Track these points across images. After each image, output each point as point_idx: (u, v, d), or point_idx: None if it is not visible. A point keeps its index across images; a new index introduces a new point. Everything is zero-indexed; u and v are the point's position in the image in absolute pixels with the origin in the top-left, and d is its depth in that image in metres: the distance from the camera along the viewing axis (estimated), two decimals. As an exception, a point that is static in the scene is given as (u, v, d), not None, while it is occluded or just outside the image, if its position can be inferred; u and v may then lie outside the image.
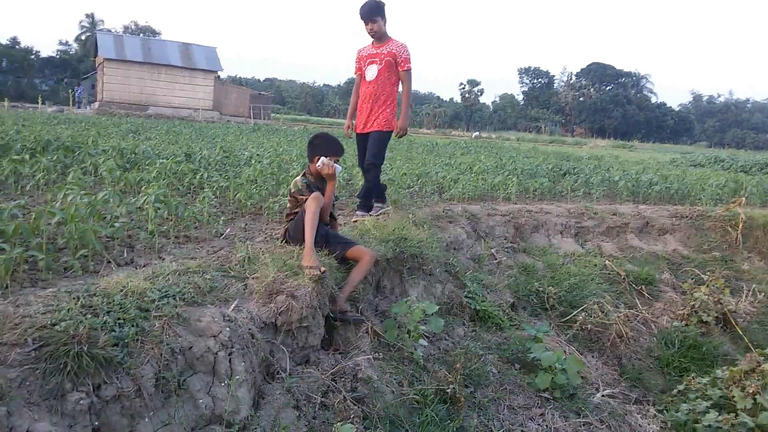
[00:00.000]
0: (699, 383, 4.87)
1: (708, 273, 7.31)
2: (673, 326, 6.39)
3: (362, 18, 5.23)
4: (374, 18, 5.20)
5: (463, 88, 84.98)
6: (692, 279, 7.27)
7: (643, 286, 7.16)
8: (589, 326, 5.82)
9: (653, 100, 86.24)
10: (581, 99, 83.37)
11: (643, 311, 6.58)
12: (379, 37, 5.30)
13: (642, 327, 6.38)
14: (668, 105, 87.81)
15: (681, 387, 5.02)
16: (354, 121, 5.64)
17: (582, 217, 8.45)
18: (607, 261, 7.44)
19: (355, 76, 5.65)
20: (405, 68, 5.33)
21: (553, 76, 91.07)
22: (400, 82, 5.44)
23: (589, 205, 9.06)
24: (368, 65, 5.39)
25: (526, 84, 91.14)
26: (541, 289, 6.19)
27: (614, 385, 5.17)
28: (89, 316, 2.50)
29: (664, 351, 5.94)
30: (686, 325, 6.43)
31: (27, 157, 6.35)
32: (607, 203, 9.73)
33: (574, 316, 5.92)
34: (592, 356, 5.66)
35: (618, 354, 5.79)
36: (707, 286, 6.78)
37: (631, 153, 33.41)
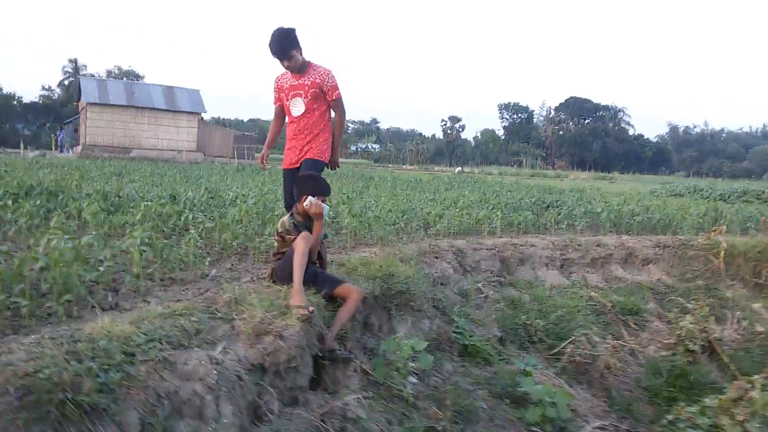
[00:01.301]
0: (688, 412, 4.86)
1: (692, 301, 7.38)
2: (661, 356, 6.41)
3: (276, 56, 4.61)
4: (289, 53, 4.56)
5: (445, 125, 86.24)
6: (677, 308, 7.33)
7: (629, 317, 7.20)
8: (577, 358, 5.83)
9: (631, 132, 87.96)
10: (561, 133, 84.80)
11: (630, 342, 6.60)
12: (299, 68, 4.68)
13: (629, 357, 6.40)
14: (646, 137, 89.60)
15: (670, 417, 5.00)
16: (268, 151, 5.16)
17: (566, 249, 8.53)
18: (592, 292, 7.48)
19: (274, 106, 5.06)
20: (334, 97, 4.77)
21: (533, 110, 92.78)
22: (332, 110, 4.90)
23: (573, 237, 9.14)
24: (292, 98, 4.80)
25: (507, 119, 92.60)
26: (528, 322, 6.21)
27: (604, 417, 5.15)
28: (73, 362, 2.47)
29: (652, 381, 5.94)
30: (673, 354, 6.46)
31: (9, 202, 6.31)
32: (591, 235, 9.83)
33: (562, 348, 5.93)
34: (581, 388, 5.65)
35: (607, 385, 5.78)
36: (692, 314, 6.84)
37: (611, 184, 33.88)
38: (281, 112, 4.99)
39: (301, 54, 4.64)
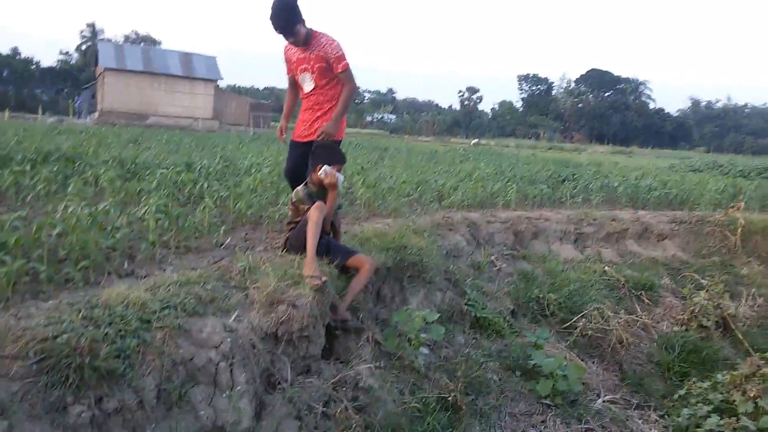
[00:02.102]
0: (700, 388, 4.87)
1: (707, 278, 7.32)
2: (674, 331, 6.40)
3: (278, 32, 4.38)
4: (294, 29, 4.34)
5: (462, 95, 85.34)
6: (692, 284, 7.28)
7: (642, 292, 7.17)
8: (589, 332, 5.83)
9: (651, 106, 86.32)
10: (580, 105, 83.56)
11: (643, 317, 6.58)
12: (304, 41, 4.45)
13: (642, 332, 6.39)
14: (666, 111, 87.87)
15: (682, 392, 5.02)
16: (286, 123, 4.97)
17: (581, 224, 8.47)
18: (606, 267, 7.45)
19: (287, 76, 4.86)
20: (340, 69, 4.48)
21: (552, 82, 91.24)
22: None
23: (589, 211, 9.07)
24: (301, 72, 4.61)
25: (525, 91, 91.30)
26: (541, 295, 6.20)
27: (615, 391, 5.17)
28: (91, 328, 2.52)
29: (664, 356, 5.94)
30: (686, 330, 6.44)
31: (27, 168, 6.36)
32: (607, 209, 9.74)
33: (575, 322, 5.93)
34: (593, 362, 5.67)
35: (618, 360, 5.79)
36: (707, 290, 6.80)
37: (629, 159, 33.47)
38: (295, 82, 4.80)
39: (304, 26, 4.40)
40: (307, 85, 4.62)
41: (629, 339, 5.86)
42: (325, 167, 4.19)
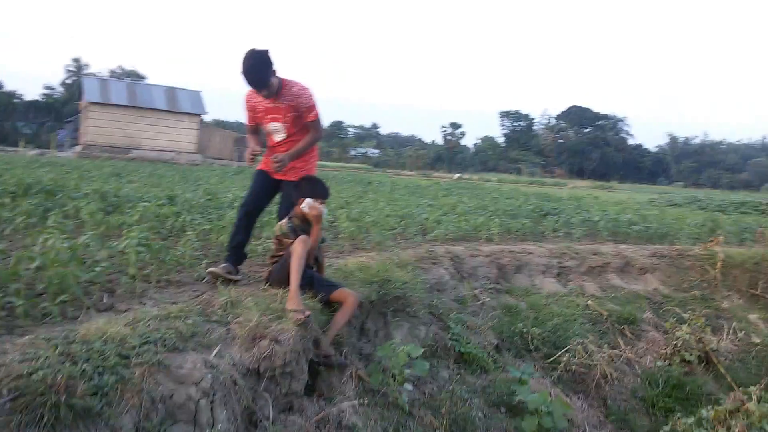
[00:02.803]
0: (685, 424, 4.85)
1: (689, 312, 7.38)
2: (657, 366, 6.41)
3: (252, 86, 4.20)
4: (267, 82, 4.15)
5: (445, 131, 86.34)
6: (674, 318, 7.32)
7: (625, 326, 7.19)
8: (573, 367, 5.82)
9: (630, 141, 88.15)
10: (561, 141, 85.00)
11: (627, 351, 6.59)
12: (275, 91, 4.26)
13: (626, 367, 6.39)
14: (645, 147, 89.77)
15: (667, 428, 4.99)
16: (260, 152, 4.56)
17: (563, 257, 8.52)
18: (589, 301, 7.47)
19: (248, 125, 4.63)
20: (311, 118, 4.38)
21: (534, 119, 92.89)
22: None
23: (571, 245, 9.14)
24: (269, 122, 4.43)
25: (507, 127, 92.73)
26: (525, 330, 6.19)
27: (600, 427, 5.14)
28: (68, 364, 2.45)
29: (648, 391, 5.94)
30: (669, 364, 6.45)
31: (7, 200, 6.29)
32: (588, 243, 9.82)
33: (559, 357, 5.91)
34: (578, 398, 5.63)
35: (603, 395, 5.77)
36: (689, 324, 6.83)
37: (610, 193, 33.92)
38: (257, 129, 4.63)
39: (275, 76, 4.20)
40: (278, 135, 4.47)
41: (613, 374, 5.86)
42: (309, 200, 4.19)
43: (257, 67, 4.09)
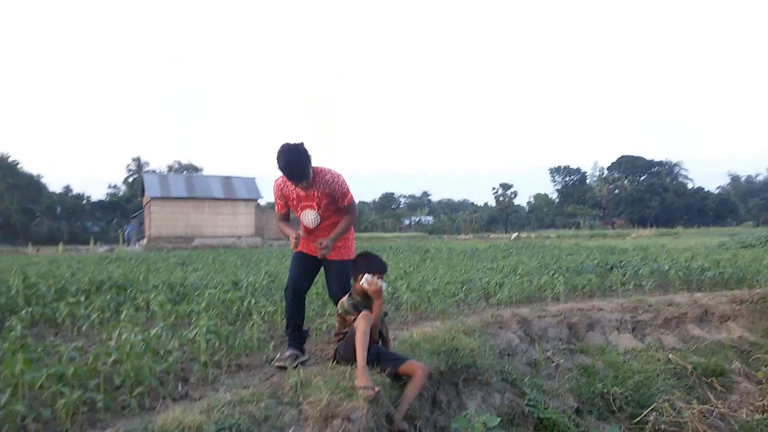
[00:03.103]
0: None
1: (782, 359, 6.88)
2: (755, 419, 5.94)
3: (294, 180, 4.22)
4: (308, 175, 4.22)
5: (497, 192, 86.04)
6: (766, 366, 6.83)
7: (713, 378, 6.75)
8: (662, 426, 5.46)
9: (690, 185, 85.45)
10: (616, 191, 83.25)
11: (719, 405, 6.15)
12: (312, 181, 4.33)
13: (720, 423, 5.95)
14: (706, 189, 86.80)
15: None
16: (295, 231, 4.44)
17: (636, 311, 8.17)
18: (670, 354, 7.08)
19: (276, 213, 4.71)
20: (346, 203, 4.48)
21: (585, 172, 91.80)
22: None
23: (642, 297, 8.78)
24: (303, 210, 4.48)
25: (559, 182, 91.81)
26: (605, 390, 5.89)
27: (701, 492, 4.75)
28: (149, 456, 2.48)
29: (749, 449, 5.48)
30: (768, 417, 5.98)
31: (82, 298, 6.58)
32: (660, 294, 9.42)
33: (645, 416, 5.57)
34: (672, 460, 5.26)
35: (699, 455, 5.36)
36: (784, 373, 6.36)
37: (676, 240, 32.71)
38: (288, 215, 4.69)
39: (311, 166, 4.25)
40: (311, 221, 4.51)
41: (707, 431, 5.45)
42: (367, 276, 4.20)
43: (297, 161, 4.13)
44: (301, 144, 4.17)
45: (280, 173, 4.28)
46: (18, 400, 3.10)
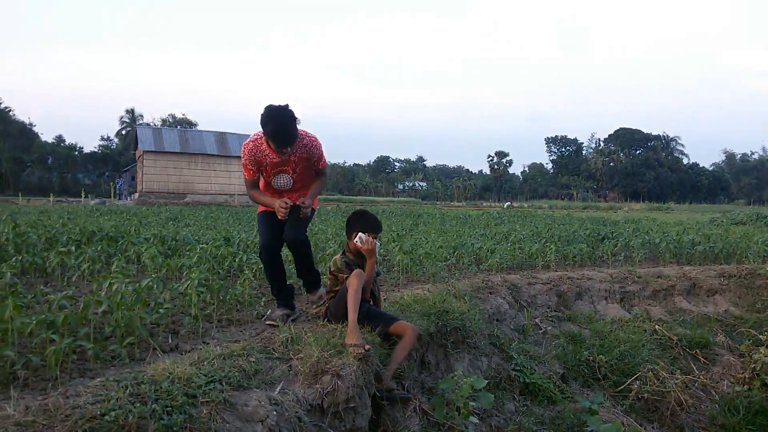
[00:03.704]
0: (772, 454, 4.55)
1: (765, 333, 6.97)
2: (735, 391, 6.06)
3: (283, 145, 4.02)
4: (296, 139, 4.08)
5: (492, 160, 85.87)
6: (749, 340, 6.94)
7: (697, 350, 6.86)
8: (645, 395, 5.56)
9: (685, 161, 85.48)
10: (611, 164, 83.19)
11: (702, 377, 6.27)
12: None
13: (701, 393, 6.07)
14: (701, 165, 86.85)
15: (752, 458, 4.69)
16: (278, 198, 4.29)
17: (626, 282, 8.24)
18: (656, 326, 7.17)
19: (246, 178, 4.40)
20: (320, 166, 4.42)
21: (581, 143, 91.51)
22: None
23: (632, 269, 8.85)
24: (276, 175, 4.32)
25: (555, 152, 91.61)
26: (591, 358, 5.97)
27: (679, 459, 4.86)
28: (138, 404, 2.49)
29: (728, 418, 5.61)
30: (749, 389, 6.09)
31: (73, 248, 6.54)
32: (650, 266, 9.49)
33: (629, 385, 5.67)
34: (652, 427, 5.38)
35: (679, 423, 5.48)
36: (766, 346, 6.46)
37: (668, 215, 32.87)
38: (257, 181, 4.46)
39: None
40: (283, 185, 4.39)
41: (689, 401, 5.57)
42: (361, 234, 4.19)
43: (286, 126, 3.94)
44: (287, 106, 3.97)
45: (253, 137, 4.15)
46: (8, 345, 3.09)
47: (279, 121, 3.92)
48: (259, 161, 4.26)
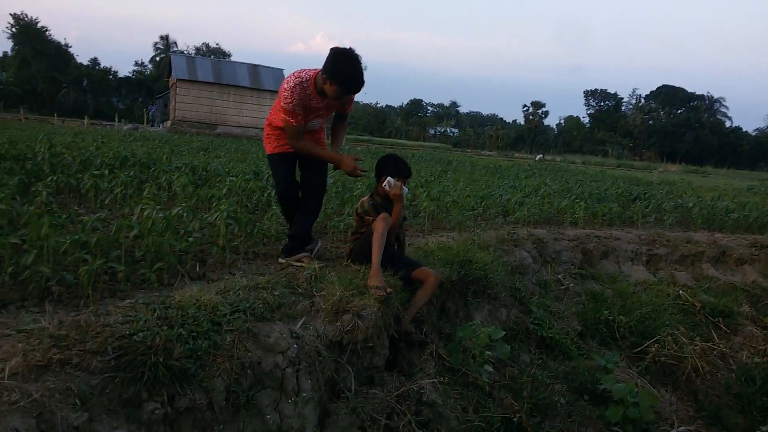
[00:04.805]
0: (784, 425, 4.56)
1: (792, 307, 6.89)
2: (755, 362, 6.04)
3: (352, 92, 4.00)
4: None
5: (527, 110, 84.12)
6: (774, 312, 6.86)
7: (720, 319, 6.80)
8: (662, 359, 5.58)
9: (727, 124, 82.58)
10: (650, 122, 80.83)
11: (721, 345, 6.24)
12: None
13: (719, 362, 6.05)
14: (744, 129, 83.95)
15: (765, 428, 4.71)
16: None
17: (654, 245, 8.14)
18: (681, 291, 7.12)
19: (293, 126, 4.02)
20: (348, 110, 4.40)
21: (621, 98, 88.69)
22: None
23: (662, 232, 8.71)
24: (313, 119, 4.21)
25: (593, 107, 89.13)
26: (611, 318, 5.97)
27: (690, 422, 4.91)
28: (165, 327, 2.57)
29: (744, 388, 5.61)
30: (768, 361, 6.07)
31: (106, 172, 6.66)
32: (680, 230, 9.34)
33: (647, 347, 5.69)
34: (666, 390, 5.40)
35: (694, 389, 5.50)
36: (791, 320, 6.39)
37: (704, 179, 32.07)
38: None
39: None
40: (314, 126, 4.29)
41: (705, 368, 5.57)
42: (390, 179, 4.16)
43: (362, 72, 3.85)
44: (354, 50, 3.82)
45: (297, 79, 3.94)
46: (43, 262, 3.20)
47: (358, 69, 3.81)
48: (309, 106, 4.06)
